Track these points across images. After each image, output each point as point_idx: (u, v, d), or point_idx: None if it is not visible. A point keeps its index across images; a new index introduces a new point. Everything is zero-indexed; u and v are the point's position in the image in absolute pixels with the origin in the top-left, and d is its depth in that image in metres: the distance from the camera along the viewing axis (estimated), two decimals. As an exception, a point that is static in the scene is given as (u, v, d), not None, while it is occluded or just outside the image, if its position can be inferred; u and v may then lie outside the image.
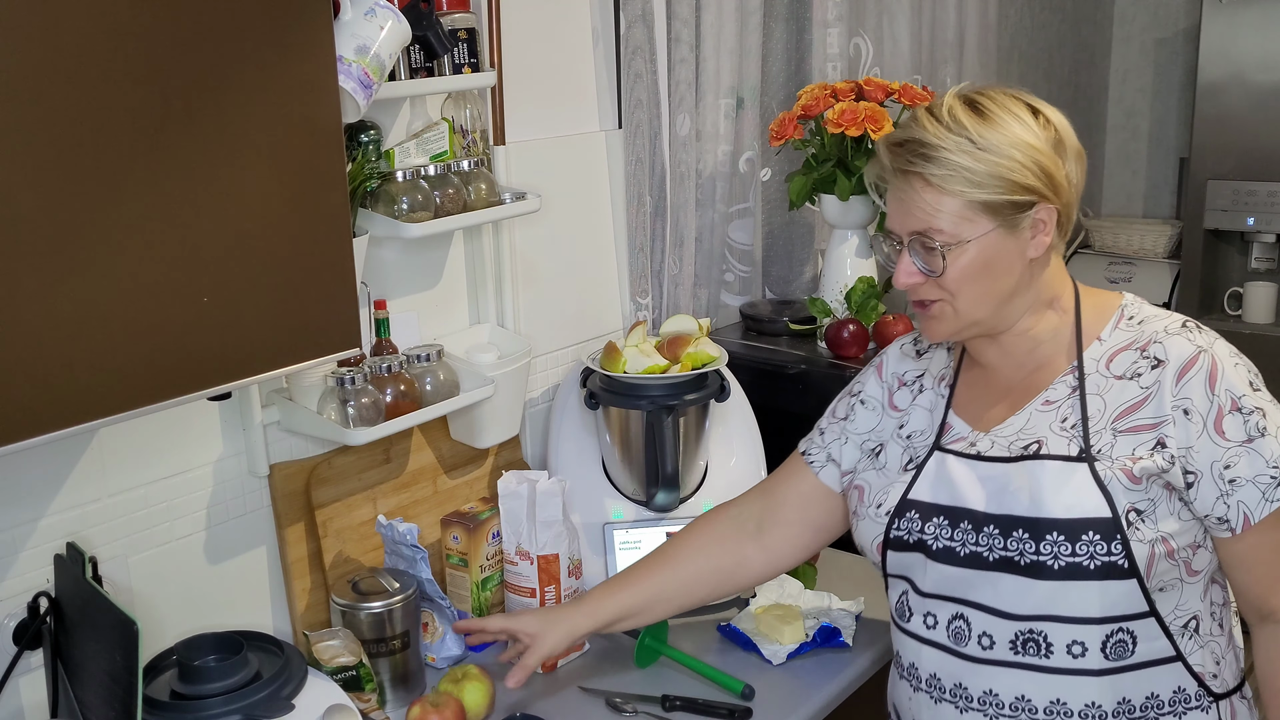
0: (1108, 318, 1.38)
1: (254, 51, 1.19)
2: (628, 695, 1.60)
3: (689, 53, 2.13)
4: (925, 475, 1.41)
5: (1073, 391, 1.35)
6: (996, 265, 1.32)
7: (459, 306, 1.90)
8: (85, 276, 1.10)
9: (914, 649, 1.42)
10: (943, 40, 2.91)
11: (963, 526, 1.35)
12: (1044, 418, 1.35)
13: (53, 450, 1.41)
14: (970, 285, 1.32)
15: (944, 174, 1.29)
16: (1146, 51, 4.02)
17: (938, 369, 1.50)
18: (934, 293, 1.35)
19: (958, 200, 1.29)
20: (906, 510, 1.40)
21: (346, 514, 1.72)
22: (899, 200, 1.35)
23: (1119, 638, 1.31)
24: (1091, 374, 1.35)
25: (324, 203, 1.29)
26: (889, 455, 1.48)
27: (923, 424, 1.46)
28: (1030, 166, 1.29)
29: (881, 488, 1.45)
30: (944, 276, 1.32)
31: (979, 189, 1.28)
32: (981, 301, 1.34)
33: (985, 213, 1.29)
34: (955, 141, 1.29)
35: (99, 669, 1.26)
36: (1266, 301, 3.40)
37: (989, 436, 1.38)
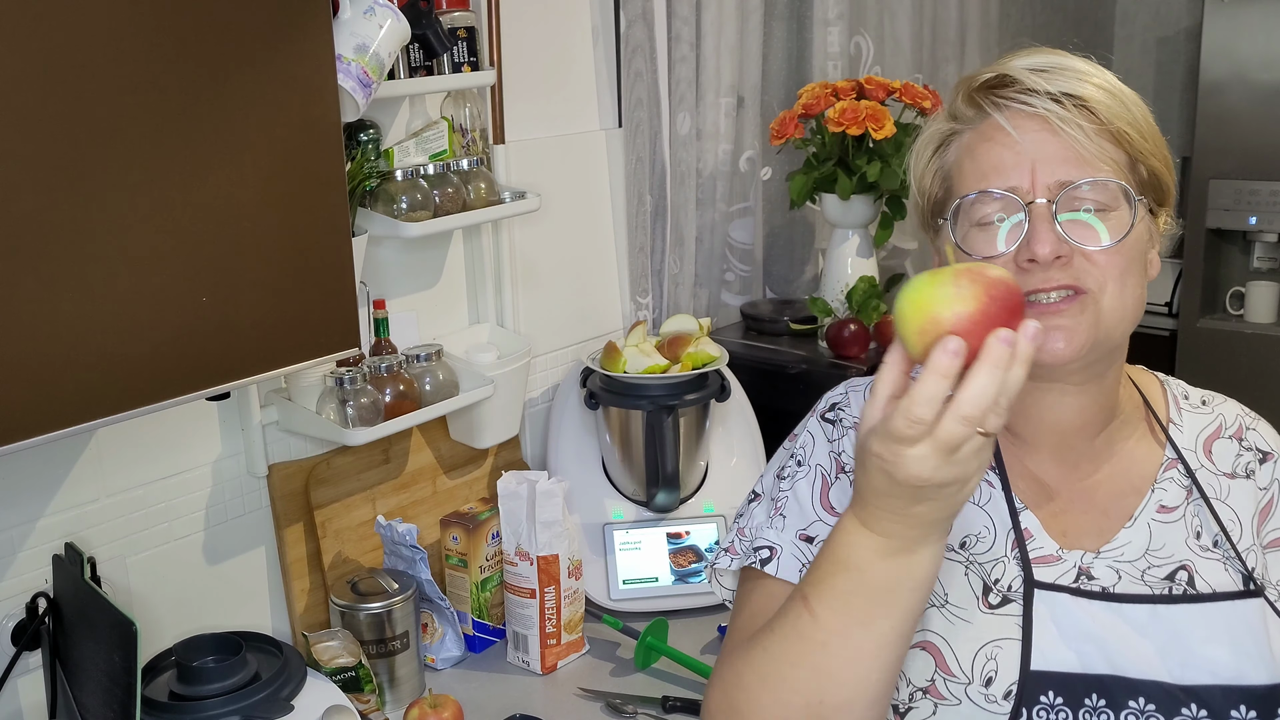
0: (1162, 397, 1.06)
1: (253, 50, 1.19)
2: (628, 696, 1.60)
3: (689, 51, 2.13)
4: (1042, 629, 0.94)
5: (1189, 493, 1.00)
6: (1140, 260, 0.96)
7: (458, 306, 1.89)
8: (84, 276, 1.09)
9: None
10: (944, 39, 2.90)
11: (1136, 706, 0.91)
12: (1172, 532, 0.98)
13: (51, 450, 1.40)
14: (1132, 276, 0.94)
15: (1116, 108, 0.93)
16: (1148, 50, 4.01)
17: None
18: (1085, 278, 0.92)
19: (1123, 153, 0.94)
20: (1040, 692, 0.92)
21: (345, 514, 1.72)
22: (1045, 140, 0.93)
23: None
24: (1199, 469, 1.01)
25: (323, 202, 1.28)
26: (947, 582, 0.98)
27: (978, 526, 1.00)
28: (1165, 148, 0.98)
29: (977, 647, 0.95)
30: (1112, 253, 0.92)
31: (1144, 140, 0.94)
32: (1133, 307, 0.95)
33: (1138, 185, 0.95)
34: (1109, 76, 0.96)
35: (97, 670, 1.25)
36: (1268, 301, 3.39)
37: (1103, 561, 0.97)
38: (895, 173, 2.09)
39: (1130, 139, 0.94)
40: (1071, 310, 0.93)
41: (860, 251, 2.21)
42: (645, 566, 1.83)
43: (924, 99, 2.13)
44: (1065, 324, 0.92)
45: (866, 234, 2.21)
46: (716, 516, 1.88)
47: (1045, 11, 3.56)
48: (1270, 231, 3.37)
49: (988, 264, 0.85)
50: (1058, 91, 0.93)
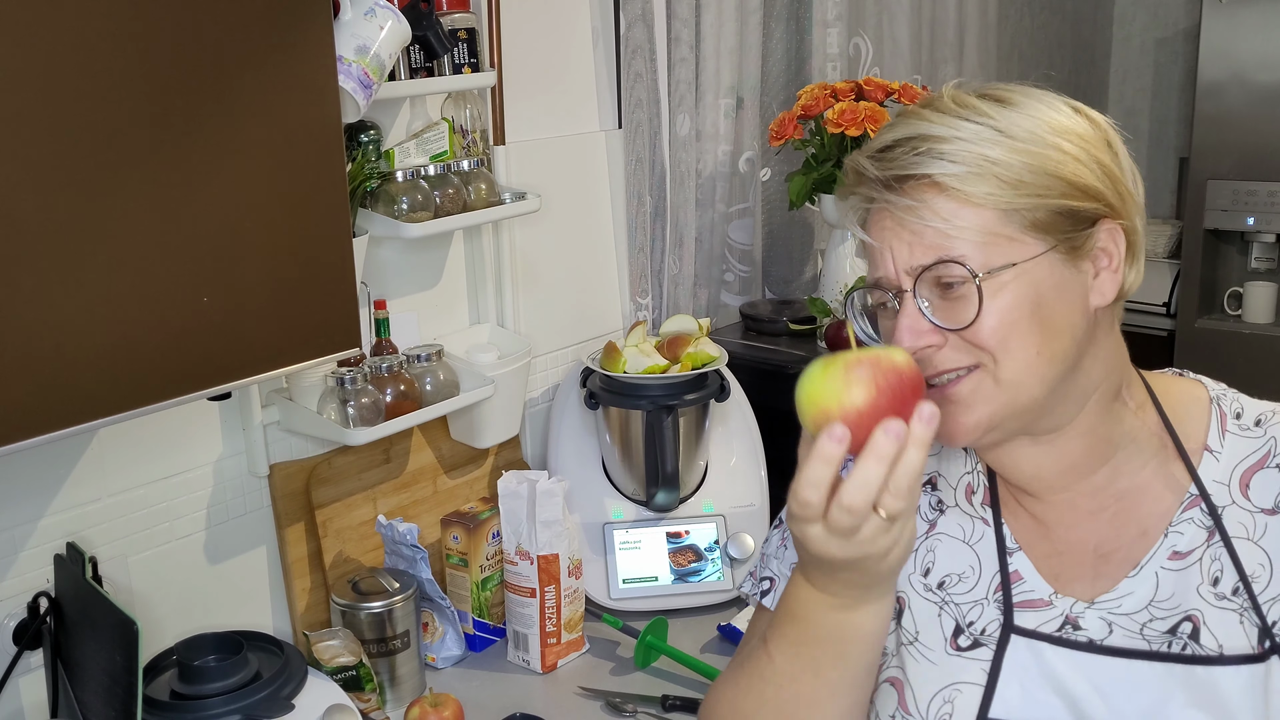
0: (1204, 418, 0.95)
1: (253, 51, 1.19)
2: (628, 695, 1.60)
3: (689, 52, 2.13)
4: (1011, 675, 0.92)
5: (1210, 535, 0.91)
6: (1052, 310, 0.89)
7: (459, 306, 1.90)
8: (85, 276, 1.10)
9: None
10: (943, 40, 2.91)
11: None
12: (1183, 579, 0.90)
13: (53, 450, 1.41)
14: (1020, 338, 0.88)
15: (963, 171, 0.87)
16: (1146, 51, 4.01)
17: (957, 475, 1.02)
18: (962, 358, 0.89)
19: (987, 211, 0.87)
20: None
21: (346, 514, 1.72)
22: (892, 230, 0.91)
23: None
24: (1228, 505, 0.91)
25: (324, 203, 1.29)
26: (919, 620, 0.98)
27: (962, 566, 0.98)
28: (1086, 161, 0.89)
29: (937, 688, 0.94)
30: (977, 329, 0.88)
31: (1016, 191, 0.87)
32: (1036, 368, 0.88)
33: (1030, 229, 0.88)
34: (974, 130, 0.89)
35: (99, 669, 1.26)
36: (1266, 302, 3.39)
37: (1095, 612, 0.92)
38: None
39: (993, 196, 0.88)
40: (964, 385, 0.90)
41: (859, 252, 2.21)
42: (645, 566, 1.84)
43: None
44: (957, 407, 0.90)
45: (865, 234, 2.21)
46: (716, 516, 1.88)
47: (1044, 12, 3.57)
48: (1268, 232, 3.37)
49: (890, 349, 0.85)
50: (891, 177, 0.90)
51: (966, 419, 0.90)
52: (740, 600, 1.84)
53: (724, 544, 1.85)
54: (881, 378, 0.80)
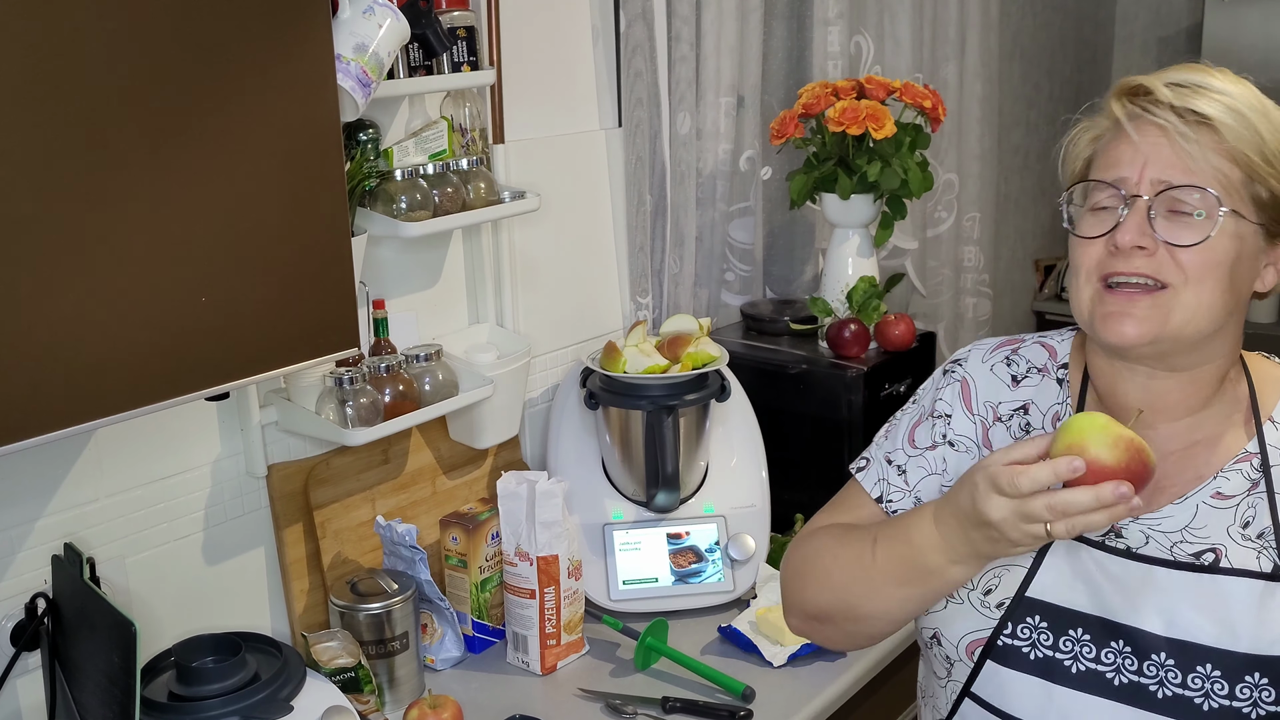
0: (1278, 391, 1.11)
1: (252, 50, 1.18)
2: (627, 697, 1.60)
3: (689, 51, 2.12)
4: (1052, 565, 1.08)
5: (1254, 486, 1.06)
6: (1240, 273, 1.04)
7: (458, 306, 1.89)
8: (83, 277, 1.09)
9: None
10: (944, 38, 2.90)
11: (1115, 647, 1.05)
12: (1218, 516, 1.06)
13: (50, 451, 1.40)
14: (1214, 280, 1.02)
15: (1240, 131, 1.01)
16: (1148, 50, 4.01)
17: (1047, 404, 1.16)
18: (1165, 272, 1.02)
19: (1238, 171, 1.02)
20: (1029, 613, 1.08)
21: (345, 515, 1.72)
22: (1161, 146, 1.03)
23: None
24: (1277, 465, 1.06)
25: (322, 202, 1.28)
26: None
27: None
28: None
29: (990, 568, 1.11)
30: (1194, 252, 1.01)
31: (1266, 163, 1.02)
32: (1211, 308, 1.03)
33: (1253, 201, 1.03)
34: (1247, 98, 1.03)
35: (97, 670, 1.25)
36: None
37: (1138, 526, 1.07)
38: (895, 172, 2.09)
39: (1249, 160, 1.02)
40: (1145, 302, 1.03)
41: (860, 251, 2.21)
42: (645, 567, 1.83)
43: (924, 98, 2.13)
44: (1137, 314, 1.04)
45: (867, 234, 2.21)
46: (716, 517, 1.87)
47: (1045, 11, 3.56)
48: (1270, 231, 3.36)
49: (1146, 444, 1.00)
50: (1183, 107, 1.03)
51: (1139, 327, 1.04)
52: (741, 601, 1.83)
53: (724, 545, 1.85)
54: (1132, 460, 0.98)
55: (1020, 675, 1.09)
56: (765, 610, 1.76)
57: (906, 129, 2.12)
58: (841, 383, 1.99)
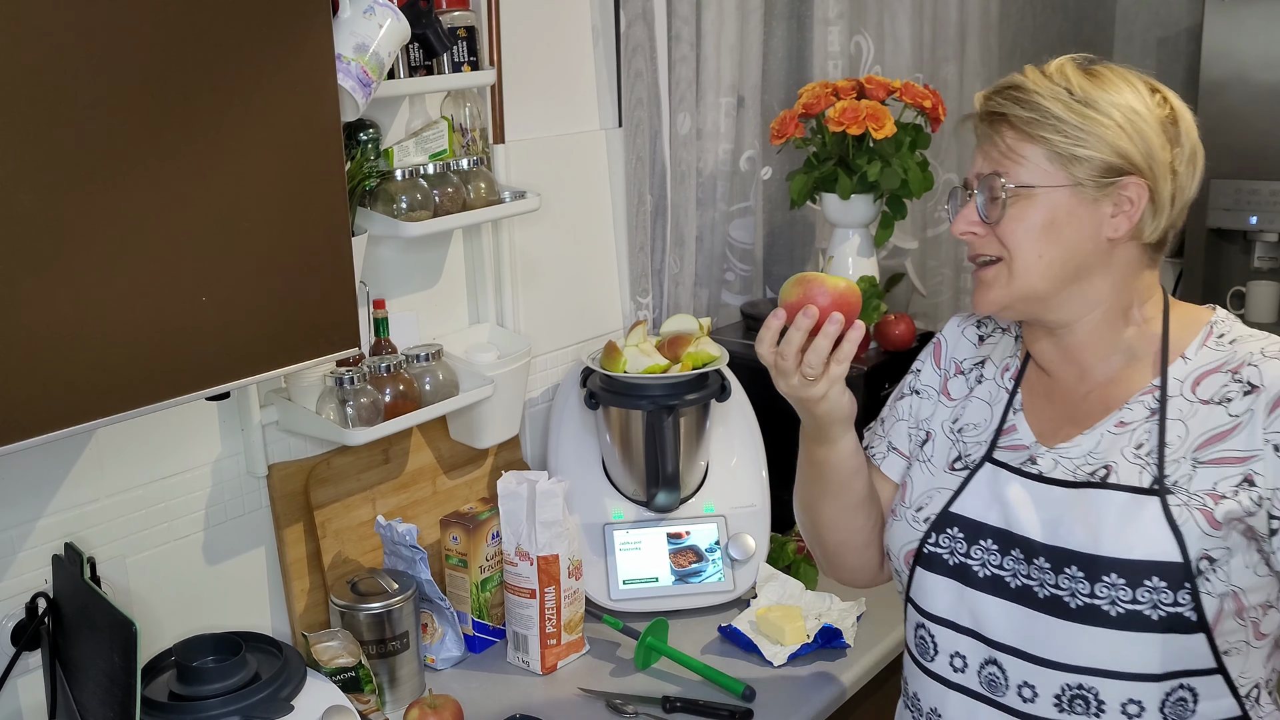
0: (1194, 333, 1.22)
1: (252, 50, 1.18)
2: (628, 696, 1.60)
3: (689, 51, 2.12)
4: (975, 487, 1.26)
5: (1151, 414, 1.19)
6: (1063, 229, 1.19)
7: (458, 306, 1.89)
8: (83, 276, 1.09)
9: (937, 693, 1.27)
10: (944, 38, 2.90)
11: (1014, 555, 1.20)
12: (1116, 441, 1.20)
13: (51, 450, 1.40)
14: (1029, 243, 1.19)
15: (1030, 117, 1.18)
16: (1149, 50, 4.01)
17: (1001, 357, 1.35)
18: (990, 247, 1.22)
19: (1039, 148, 1.18)
20: (948, 525, 1.26)
21: (345, 514, 1.72)
22: (978, 149, 1.25)
23: (1179, 695, 1.15)
24: (1175, 396, 1.19)
25: (322, 201, 1.28)
26: (936, 449, 1.34)
27: (978, 418, 1.32)
28: (1129, 132, 1.17)
29: (925, 489, 1.31)
30: (1001, 227, 1.20)
31: (1064, 139, 1.17)
32: (1038, 267, 1.20)
33: (1064, 168, 1.18)
34: (1051, 89, 1.19)
35: (97, 670, 1.25)
36: (1269, 301, 3.39)
37: (1052, 454, 1.23)
38: (895, 172, 2.09)
39: (1046, 139, 1.18)
40: (986, 273, 1.24)
41: (861, 251, 2.21)
42: (645, 567, 1.83)
43: (924, 98, 2.13)
44: (980, 284, 1.24)
45: (867, 234, 2.21)
46: (717, 516, 1.87)
47: (1045, 11, 3.56)
48: (1271, 231, 3.36)
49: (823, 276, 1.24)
50: (986, 111, 1.24)
51: (987, 294, 1.24)
52: (741, 601, 1.83)
53: (725, 545, 1.85)
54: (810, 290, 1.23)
55: (940, 579, 1.26)
56: (765, 610, 1.76)
57: (906, 129, 2.12)
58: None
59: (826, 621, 1.72)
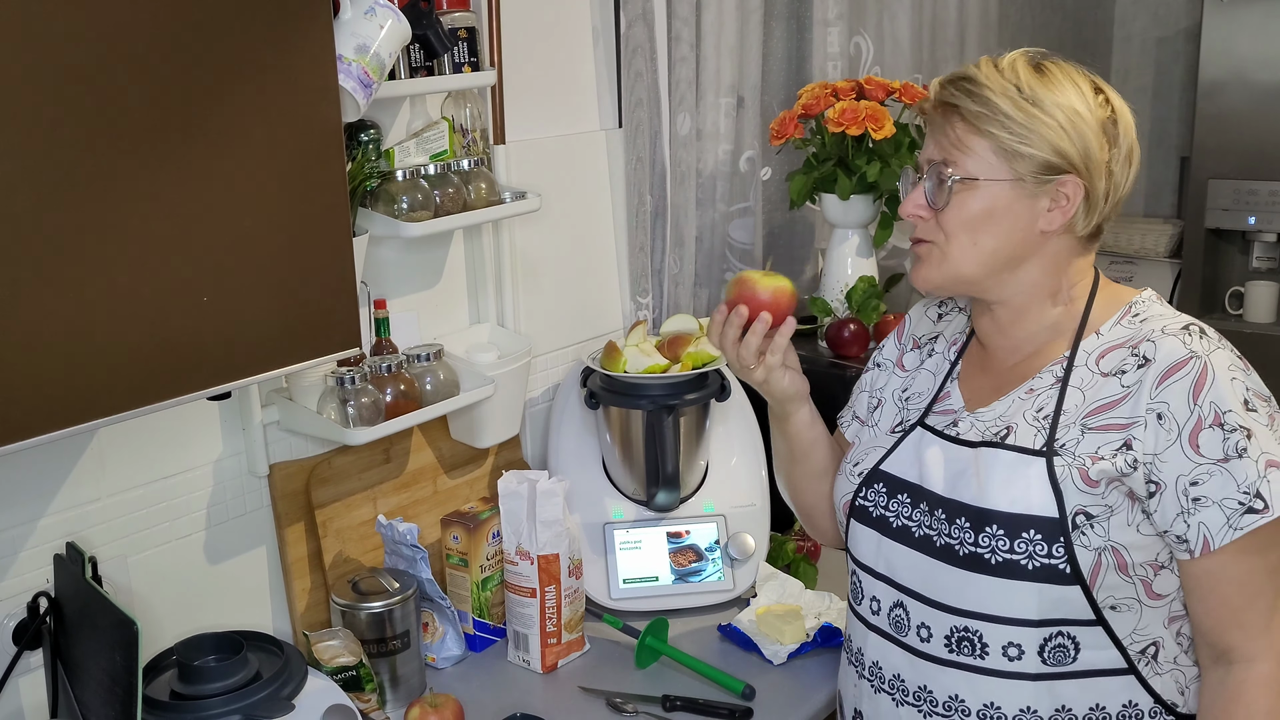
0: (1113, 312, 1.31)
1: (253, 50, 1.19)
2: (628, 695, 1.60)
3: (689, 51, 2.13)
4: (904, 448, 1.37)
5: (1056, 382, 1.29)
6: (1000, 221, 1.27)
7: (459, 306, 1.89)
8: (85, 276, 1.10)
9: (861, 633, 1.39)
10: (943, 39, 2.90)
11: (922, 508, 1.31)
12: (1022, 405, 1.30)
13: (52, 450, 1.41)
14: (965, 231, 1.27)
15: (979, 111, 1.25)
16: (1147, 51, 4.01)
17: (952, 333, 1.44)
18: (930, 232, 1.30)
19: (986, 142, 1.25)
20: (876, 481, 1.37)
21: (346, 514, 1.72)
22: (931, 135, 1.32)
23: (1059, 642, 1.24)
24: (1080, 367, 1.28)
25: (324, 202, 1.28)
26: (884, 414, 1.45)
27: (923, 387, 1.42)
28: (1070, 133, 1.24)
29: (866, 447, 1.42)
30: (943, 213, 1.28)
31: (1010, 135, 1.24)
32: (971, 254, 1.28)
33: (1007, 163, 1.25)
34: (1002, 85, 1.25)
35: (99, 669, 1.25)
36: (1268, 301, 3.39)
37: (971, 417, 1.33)
38: (895, 173, 2.09)
39: (992, 133, 1.25)
40: (923, 253, 1.32)
41: (860, 251, 2.21)
42: (645, 566, 1.83)
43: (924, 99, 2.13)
44: (919, 263, 1.33)
45: (866, 234, 2.21)
46: (716, 516, 1.88)
47: (1045, 11, 3.56)
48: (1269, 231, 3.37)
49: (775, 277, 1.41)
50: (939, 100, 1.30)
51: (923, 273, 1.33)
52: (741, 600, 1.84)
53: (724, 544, 1.85)
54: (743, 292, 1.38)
55: (865, 529, 1.37)
56: (765, 609, 1.76)
57: (906, 129, 2.13)
58: (841, 382, 1.99)
59: (826, 620, 1.73)
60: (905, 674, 1.32)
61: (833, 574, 1.93)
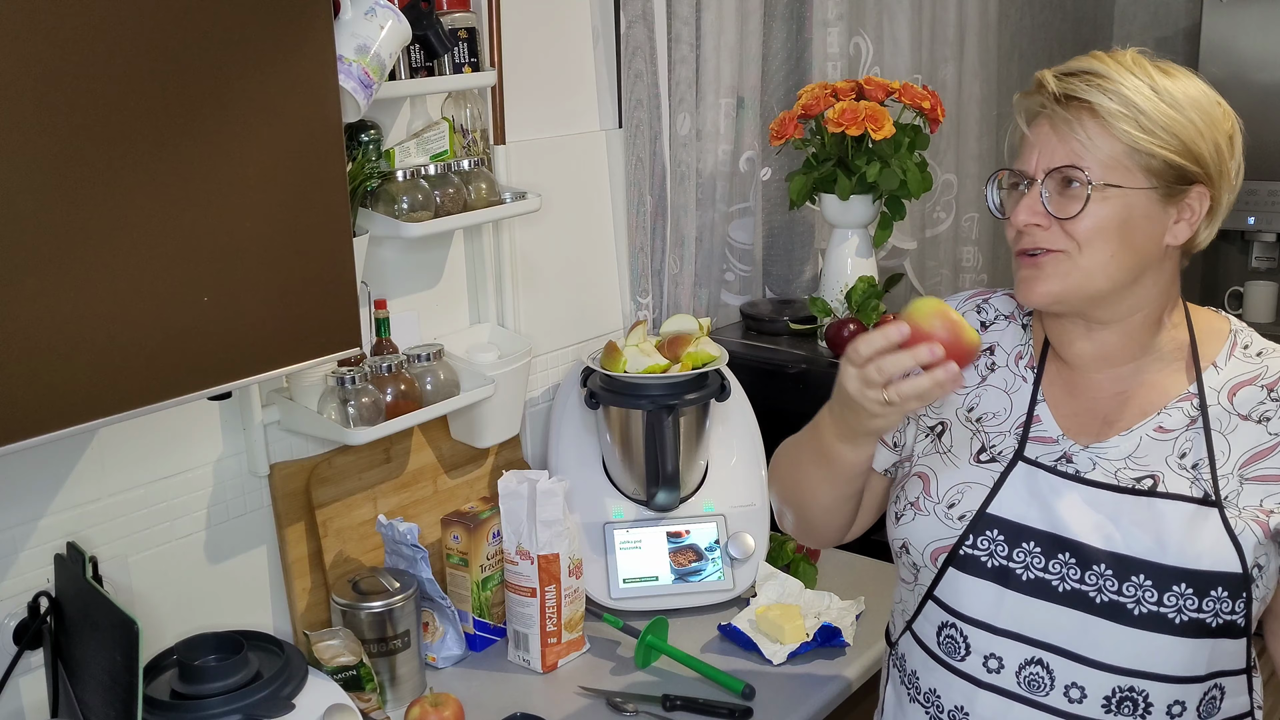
0: (1220, 342, 1.24)
1: (254, 51, 1.19)
2: (628, 695, 1.60)
3: (689, 52, 2.13)
4: (1011, 486, 1.23)
5: (1192, 422, 1.20)
6: (1135, 233, 1.16)
7: (459, 306, 1.90)
8: (85, 276, 1.10)
9: (965, 692, 1.25)
10: (943, 39, 2.90)
11: (1062, 559, 1.18)
12: (1159, 448, 1.19)
13: (53, 450, 1.41)
14: (1102, 242, 1.16)
15: (1115, 109, 1.14)
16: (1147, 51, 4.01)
17: (1012, 345, 1.31)
18: (1057, 241, 1.17)
19: (1120, 144, 1.14)
20: (988, 527, 1.22)
21: (347, 514, 1.72)
22: (1048, 134, 1.18)
23: (1212, 694, 1.19)
24: (1213, 405, 1.20)
25: (324, 202, 1.29)
26: (955, 439, 1.29)
27: (998, 407, 1.28)
28: (1207, 138, 1.16)
29: (954, 484, 1.26)
30: (1076, 222, 1.15)
31: (1148, 137, 1.14)
32: (1107, 267, 1.17)
33: (1143, 169, 1.15)
34: (1135, 82, 1.15)
35: (99, 669, 1.26)
36: (1267, 301, 3.39)
37: (1087, 454, 1.21)
38: (894, 173, 2.09)
39: (1129, 134, 1.14)
40: (1045, 264, 1.19)
41: (860, 251, 2.21)
42: (645, 565, 1.84)
43: (923, 99, 2.14)
44: (1038, 273, 1.19)
45: (866, 234, 2.21)
46: (716, 516, 1.88)
47: (1045, 11, 3.57)
48: (1269, 231, 3.37)
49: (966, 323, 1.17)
50: (1063, 95, 1.17)
51: (1043, 286, 1.19)
52: (741, 600, 1.84)
53: (724, 543, 1.85)
54: (949, 332, 1.14)
55: (977, 580, 1.22)
56: (765, 608, 1.77)
57: (905, 130, 2.13)
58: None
59: (826, 620, 1.73)
60: None
61: (832, 574, 1.93)
